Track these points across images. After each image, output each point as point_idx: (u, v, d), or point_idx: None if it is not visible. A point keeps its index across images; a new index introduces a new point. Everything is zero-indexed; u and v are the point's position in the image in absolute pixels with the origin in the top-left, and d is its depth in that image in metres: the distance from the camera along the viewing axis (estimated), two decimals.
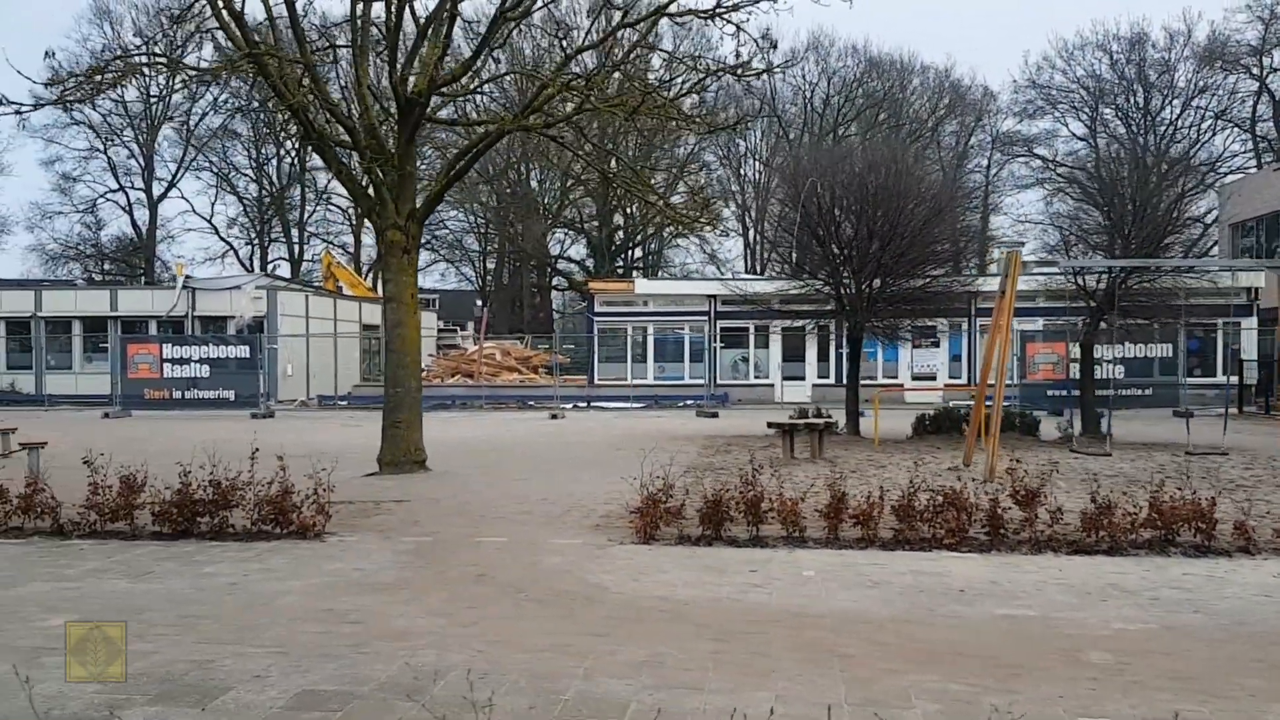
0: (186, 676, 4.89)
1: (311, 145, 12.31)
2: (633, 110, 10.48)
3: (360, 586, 6.82)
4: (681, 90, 10.83)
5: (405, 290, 12.43)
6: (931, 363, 28.30)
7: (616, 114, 10.61)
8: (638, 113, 10.52)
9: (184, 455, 9.44)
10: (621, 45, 10.74)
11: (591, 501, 10.58)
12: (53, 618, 5.98)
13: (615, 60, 10.60)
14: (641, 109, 10.40)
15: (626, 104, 10.51)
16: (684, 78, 11.45)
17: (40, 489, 8.87)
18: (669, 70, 10.96)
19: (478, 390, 33.05)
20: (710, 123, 11.49)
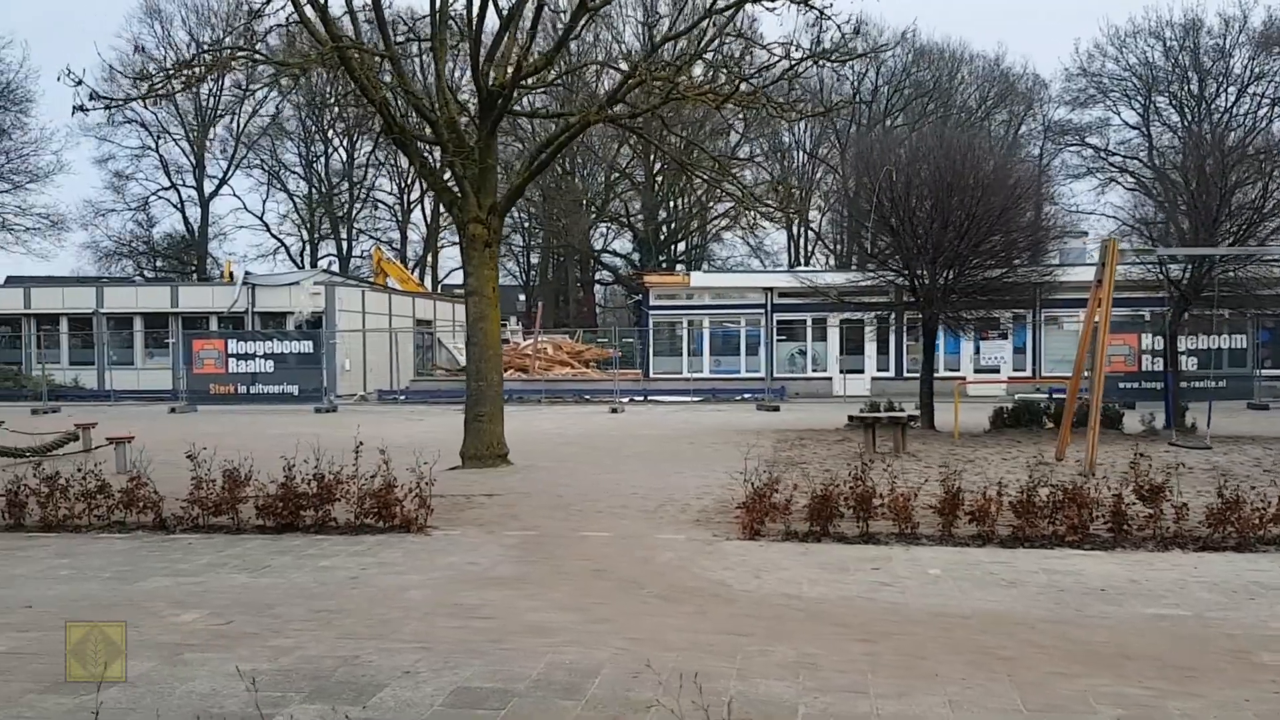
0: (336, 673, 4.82)
1: (393, 140, 12.28)
2: (725, 98, 10.29)
3: (481, 581, 6.73)
4: (776, 77, 10.59)
5: (487, 284, 12.36)
6: (999, 355, 27.78)
7: (707, 103, 10.42)
8: (730, 101, 10.33)
9: (263, 449, 9.52)
10: (705, 32, 10.51)
11: (684, 496, 10.43)
12: (184, 613, 5.97)
13: (700, 48, 10.37)
14: (735, 97, 10.20)
15: (718, 92, 10.31)
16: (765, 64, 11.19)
17: (143, 484, 8.92)
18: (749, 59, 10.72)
19: (533, 385, 33.09)
20: (801, 110, 11.23)
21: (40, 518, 8.88)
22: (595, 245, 62.49)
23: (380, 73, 12.47)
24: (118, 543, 8.27)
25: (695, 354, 32.13)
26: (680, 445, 16.09)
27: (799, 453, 14.65)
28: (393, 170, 62.27)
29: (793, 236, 61.63)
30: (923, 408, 17.95)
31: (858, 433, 17.78)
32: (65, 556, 7.65)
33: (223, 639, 5.40)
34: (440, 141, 11.87)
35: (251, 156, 59.59)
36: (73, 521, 8.86)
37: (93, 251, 56.08)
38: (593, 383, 32.93)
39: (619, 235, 63.92)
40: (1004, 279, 17.46)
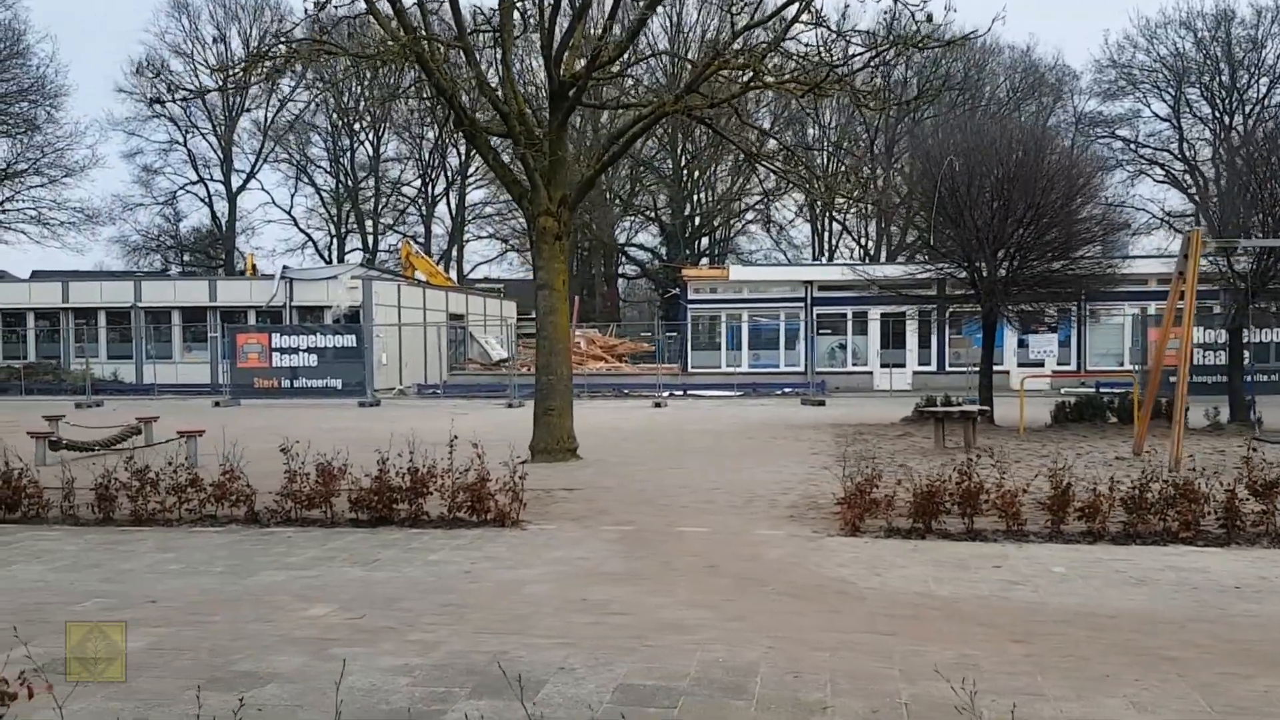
0: (490, 668, 4.74)
1: (463, 133, 12.20)
2: (813, 86, 10.12)
3: (597, 576, 6.65)
4: (860, 65, 10.47)
5: (557, 277, 12.29)
6: (1047, 349, 27.48)
7: (790, 92, 10.28)
8: (816, 89, 10.16)
9: (324, 445, 9.47)
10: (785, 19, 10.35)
11: (766, 491, 10.33)
12: (310, 607, 5.92)
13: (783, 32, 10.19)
14: (823, 84, 10.03)
15: (802, 80, 10.15)
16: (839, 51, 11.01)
17: (235, 477, 8.90)
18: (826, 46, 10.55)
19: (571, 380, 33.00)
20: (882, 99, 11.04)
21: (131, 511, 8.87)
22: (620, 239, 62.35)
23: (450, 65, 12.39)
24: (215, 536, 8.25)
25: (733, 348, 31.97)
26: (739, 440, 15.97)
27: (863, 448, 14.49)
28: (417, 164, 62.46)
29: (817, 230, 61.35)
30: (981, 401, 17.74)
31: (915, 426, 17.66)
32: (167, 551, 7.63)
33: (362, 633, 5.35)
34: (512, 134, 11.80)
35: (279, 150, 59.86)
36: (164, 515, 8.86)
37: (121, 246, 56.46)
38: (631, 377, 32.85)
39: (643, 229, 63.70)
40: (1065, 271, 17.23)
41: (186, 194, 58.94)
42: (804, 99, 10.82)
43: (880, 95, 11.18)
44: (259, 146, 59.05)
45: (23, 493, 9.03)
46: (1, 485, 9.00)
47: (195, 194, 59.03)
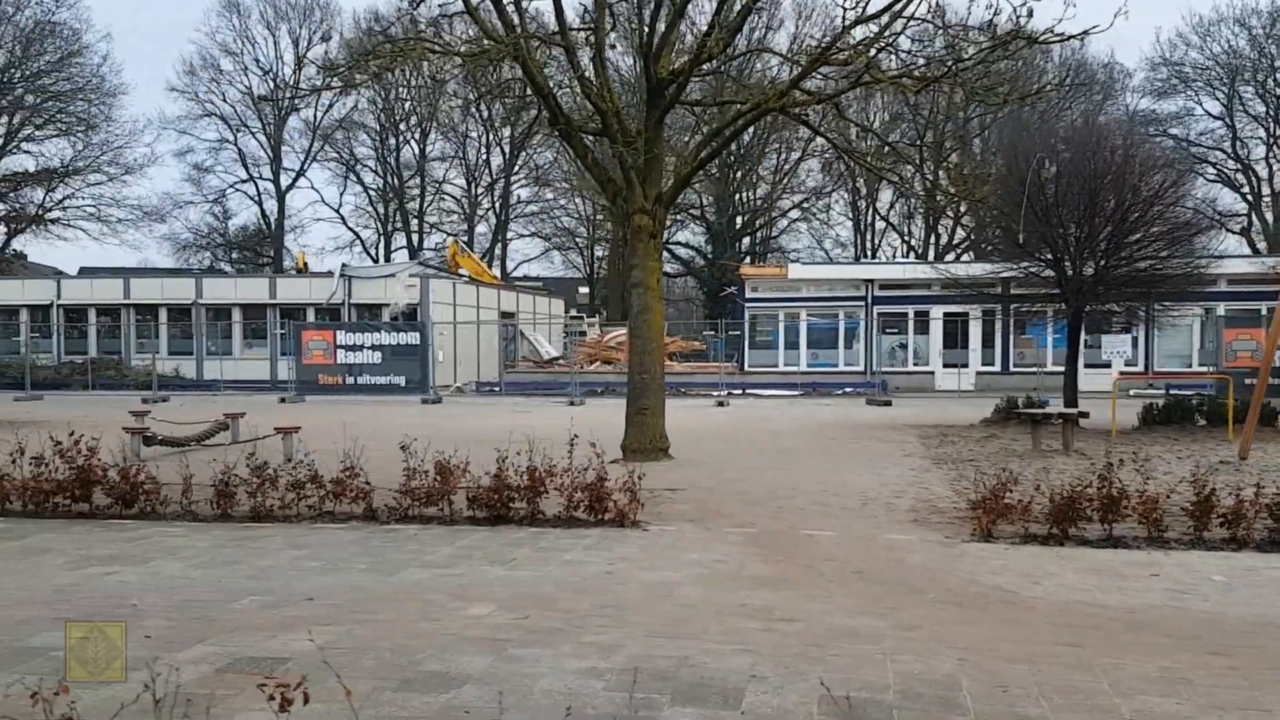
0: (679, 674, 4.65)
1: (558, 131, 12.14)
2: (930, 81, 9.92)
3: (745, 580, 6.54)
4: (975, 60, 10.20)
5: (651, 275, 12.21)
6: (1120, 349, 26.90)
7: (904, 88, 10.08)
8: (932, 85, 9.97)
9: (400, 440, 9.49)
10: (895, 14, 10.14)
11: (874, 493, 10.17)
12: (472, 606, 5.86)
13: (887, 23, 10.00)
14: (940, 80, 9.83)
15: (915, 76, 9.96)
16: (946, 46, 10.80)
17: (356, 473, 8.91)
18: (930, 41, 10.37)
19: (624, 378, 32.93)
20: (997, 95, 10.80)
21: (250, 508, 8.91)
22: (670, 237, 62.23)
23: (540, 63, 12.34)
24: (340, 533, 8.25)
25: (792, 347, 31.72)
26: (819, 441, 15.78)
27: (953, 450, 14.26)
28: (461, 163, 62.80)
29: (860, 229, 60.81)
30: (1066, 404, 17.40)
31: (998, 428, 17.38)
32: (300, 548, 7.63)
33: (533, 634, 5.27)
34: (609, 132, 11.72)
35: (327, 149, 60.43)
36: (282, 512, 8.89)
37: (171, 243, 57.19)
38: (688, 375, 32.71)
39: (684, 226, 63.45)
40: (1153, 270, 16.83)
41: (236, 192, 59.68)
42: (917, 94, 10.61)
43: (997, 91, 10.88)
44: (308, 145, 59.63)
45: (140, 488, 9.11)
46: (119, 481, 9.08)
47: (245, 192, 59.75)
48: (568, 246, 67.01)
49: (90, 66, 48.21)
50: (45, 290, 39.21)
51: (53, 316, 38.18)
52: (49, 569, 6.88)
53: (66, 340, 38.47)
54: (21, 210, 48.24)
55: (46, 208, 48.17)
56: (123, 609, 5.82)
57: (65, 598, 6.09)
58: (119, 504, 9.07)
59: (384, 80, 45.21)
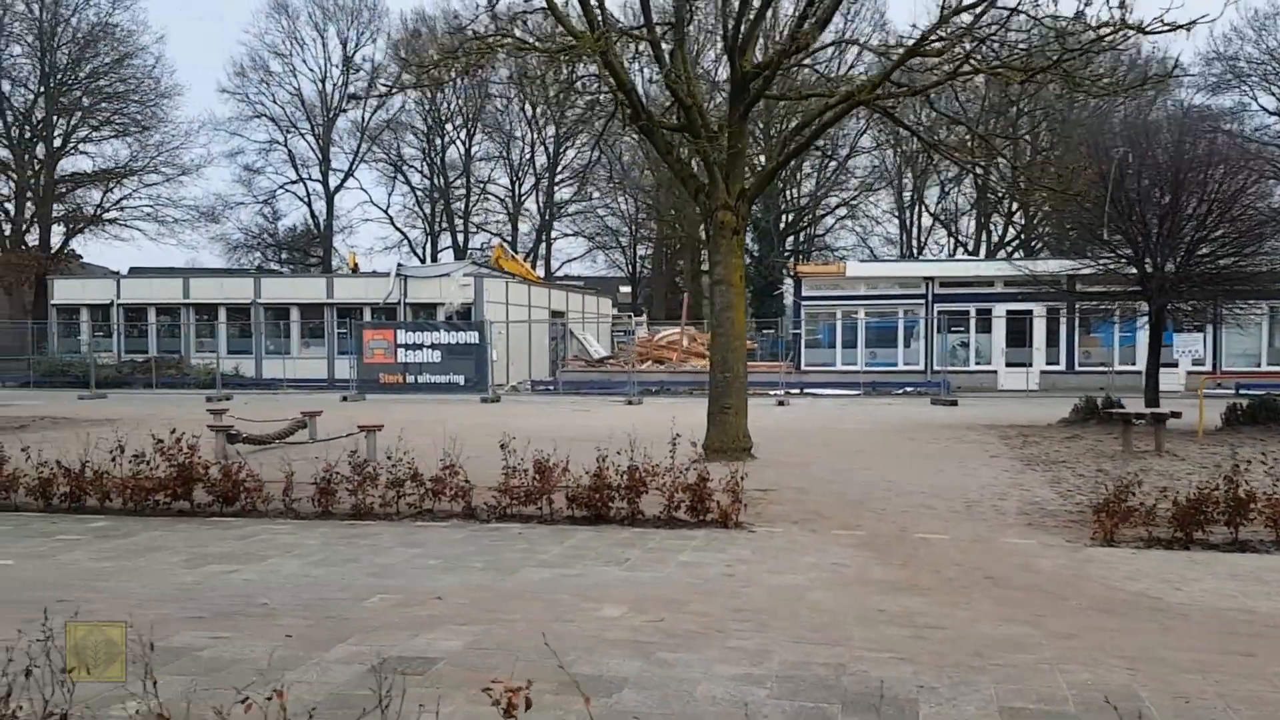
0: (841, 682, 4.50)
1: (639, 128, 12.04)
2: (1035, 71, 9.64)
3: (874, 585, 6.37)
4: (1081, 50, 9.88)
5: (734, 273, 12.05)
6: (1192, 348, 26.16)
7: (1009, 78, 9.82)
8: (1038, 76, 9.68)
9: (471, 438, 9.47)
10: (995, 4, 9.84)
11: (975, 495, 9.93)
12: (603, 607, 5.76)
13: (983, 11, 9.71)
14: (1047, 71, 9.54)
15: (1014, 66, 9.68)
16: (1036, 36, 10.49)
17: (456, 471, 8.87)
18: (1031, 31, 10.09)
19: (679, 376, 32.83)
20: (1104, 86, 10.46)
21: (351, 506, 8.91)
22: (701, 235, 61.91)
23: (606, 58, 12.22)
24: (445, 531, 8.20)
25: (849, 346, 31.35)
26: (899, 440, 15.50)
27: (1041, 450, 13.92)
28: (505, 163, 63.02)
29: (905, 226, 60.01)
30: (1147, 403, 16.94)
31: (1077, 428, 16.99)
32: (411, 546, 7.60)
33: (675, 638, 5.15)
34: (692, 128, 11.58)
35: (375, 150, 60.92)
36: (383, 509, 8.88)
37: (223, 244, 57.90)
38: None
39: None
40: (1238, 267, 16.32)
41: (286, 193, 60.32)
42: (1022, 84, 10.34)
43: (1102, 82, 10.55)
44: (356, 146, 60.15)
45: (241, 486, 9.15)
46: (221, 479, 9.13)
47: (294, 193, 60.34)
48: (610, 246, 66.90)
49: (145, 68, 49.15)
50: (105, 290, 39.95)
51: (112, 316, 38.89)
52: (167, 567, 6.90)
53: (126, 339, 39.15)
54: (79, 210, 49.29)
55: (105, 208, 49.17)
56: (254, 608, 5.81)
57: (192, 596, 6.10)
58: (219, 501, 9.12)
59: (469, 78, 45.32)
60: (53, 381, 34.14)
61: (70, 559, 7.15)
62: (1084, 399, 18.05)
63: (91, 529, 8.32)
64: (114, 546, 7.59)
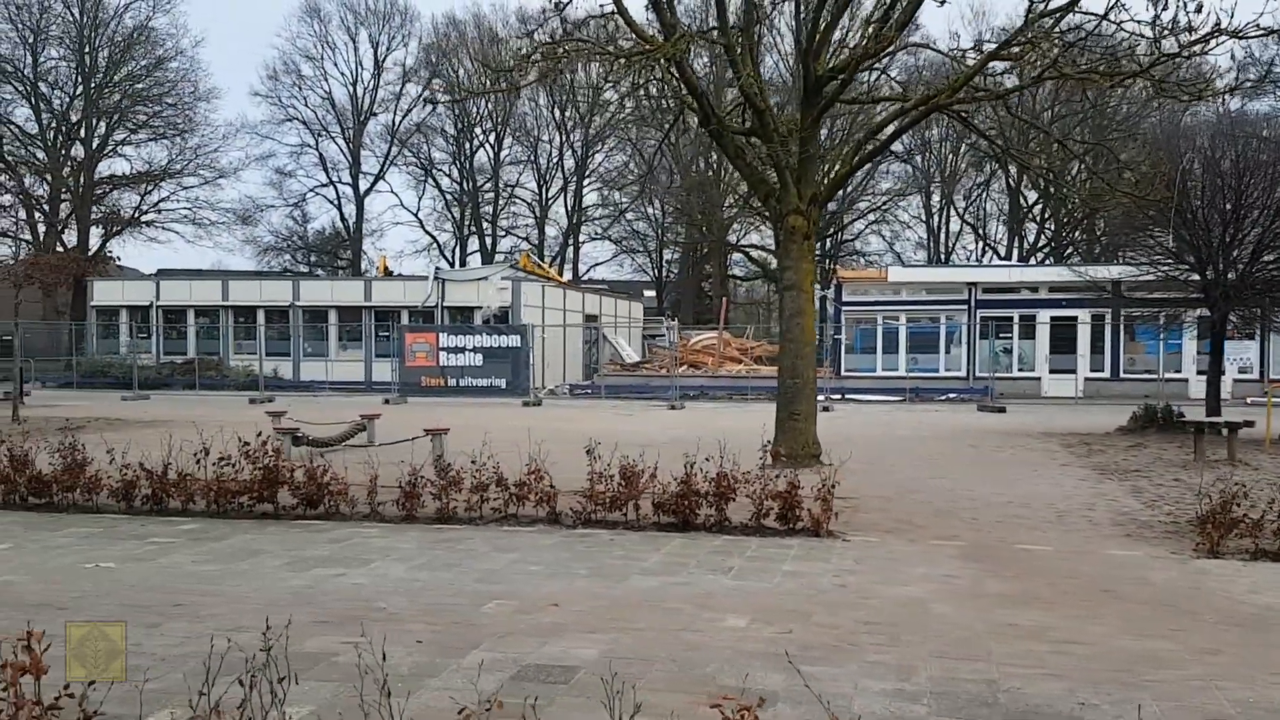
0: (998, 699, 4.40)
1: (709, 132, 11.96)
2: (1125, 77, 9.49)
3: (994, 598, 6.25)
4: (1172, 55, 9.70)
5: (805, 278, 11.95)
6: (1244, 356, 25.85)
7: (1094, 83, 9.67)
8: (1124, 81, 9.54)
9: (526, 442, 9.40)
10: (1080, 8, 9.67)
11: (1063, 504, 9.81)
12: (727, 618, 5.67)
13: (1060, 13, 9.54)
14: (1137, 76, 9.39)
15: (1101, 72, 9.53)
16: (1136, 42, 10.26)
17: (541, 476, 8.82)
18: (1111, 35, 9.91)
19: (718, 381, 32.73)
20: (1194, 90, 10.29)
21: (436, 510, 8.88)
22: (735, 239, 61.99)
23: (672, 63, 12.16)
24: (534, 536, 8.14)
25: (890, 351, 31.13)
26: (963, 447, 15.33)
27: (1109, 459, 13.72)
28: (533, 167, 63.14)
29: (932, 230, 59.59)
30: (1209, 411, 16.68)
31: (1136, 436, 16.75)
32: (506, 551, 7.54)
33: (811, 650, 5.06)
34: (765, 131, 11.50)
35: (405, 154, 61.18)
36: (468, 514, 8.84)
37: (254, 246, 58.18)
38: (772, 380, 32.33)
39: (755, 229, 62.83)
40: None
41: (316, 196, 60.64)
42: (1109, 88, 10.18)
43: (1192, 87, 10.38)
44: (387, 150, 60.43)
45: (326, 489, 9.14)
46: (306, 481, 9.13)
47: (324, 196, 60.68)
48: (636, 250, 66.87)
49: (183, 71, 49.63)
50: (144, 291, 40.29)
51: (151, 317, 39.20)
52: (272, 570, 6.89)
53: (165, 341, 39.46)
54: (117, 213, 49.82)
55: (143, 210, 49.67)
56: (374, 613, 5.77)
57: (307, 600, 6.07)
58: (303, 504, 9.12)
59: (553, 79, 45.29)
60: (93, 382, 34.45)
61: (170, 562, 7.14)
62: (1142, 407, 17.79)
63: (181, 531, 8.33)
64: (210, 549, 7.59)
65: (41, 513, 9.25)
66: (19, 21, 46.53)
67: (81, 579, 6.57)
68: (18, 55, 46.90)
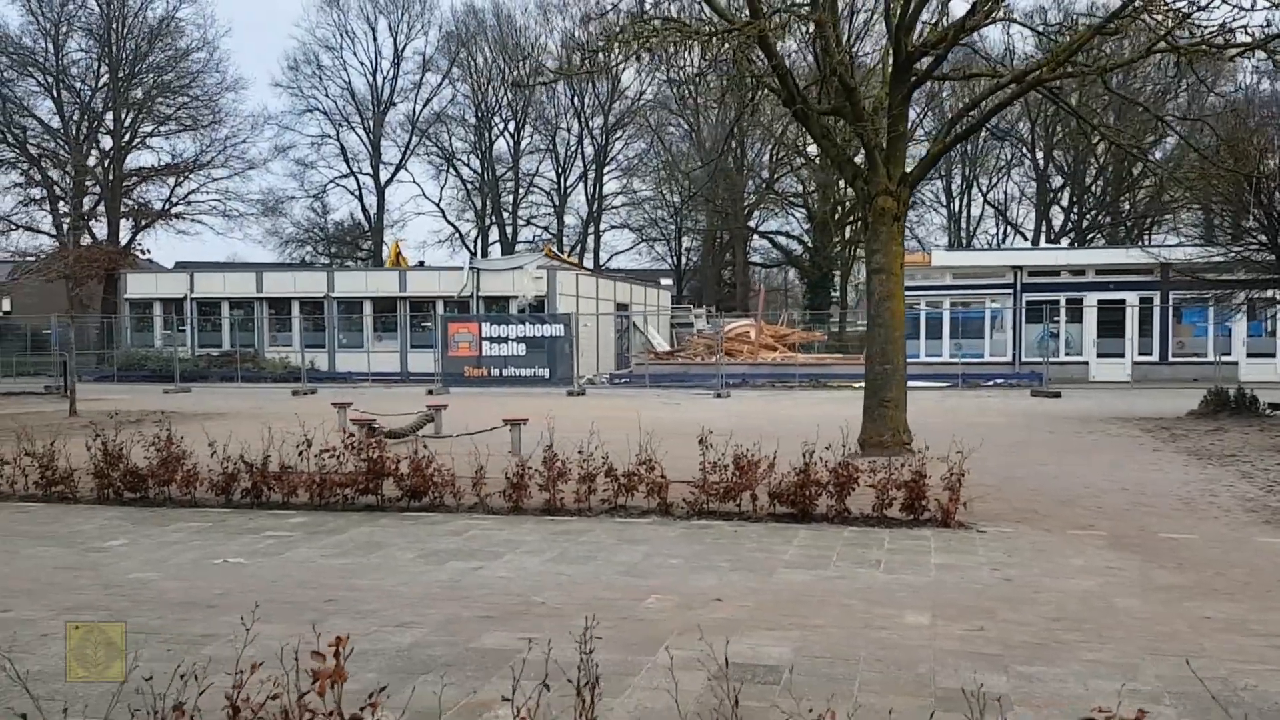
0: (1241, 697, 4.14)
1: (794, 113, 11.67)
2: (1242, 49, 9.14)
3: (1172, 590, 5.97)
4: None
5: (895, 261, 11.66)
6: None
7: (1218, 57, 9.33)
8: (1240, 53, 9.20)
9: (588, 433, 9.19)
10: None
11: (1182, 492, 9.53)
12: (905, 614, 5.43)
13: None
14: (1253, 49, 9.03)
15: (1222, 44, 9.18)
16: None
17: (652, 466, 8.59)
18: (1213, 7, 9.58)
19: (758, 369, 32.44)
20: None
21: (543, 502, 8.67)
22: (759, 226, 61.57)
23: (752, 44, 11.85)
24: (653, 528, 7.89)
25: (934, 337, 30.75)
26: (1041, 434, 15.00)
27: (1198, 443, 13.39)
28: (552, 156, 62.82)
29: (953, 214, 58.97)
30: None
31: (1210, 420, 16.41)
32: (633, 543, 7.31)
33: (1014, 649, 4.81)
34: (854, 111, 11.18)
35: (426, 144, 60.94)
36: (576, 505, 8.62)
37: (276, 238, 57.99)
38: (826, 366, 32.04)
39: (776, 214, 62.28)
40: None
41: (336, 187, 60.43)
42: (1232, 60, 9.84)
43: None
44: (407, 139, 60.17)
45: (430, 480, 8.94)
46: (411, 473, 8.93)
47: (345, 187, 60.47)
48: (656, 238, 66.53)
49: (211, 62, 49.50)
50: (178, 284, 40.26)
51: (186, 309, 39.18)
52: (406, 564, 6.68)
53: (200, 333, 39.43)
54: (147, 205, 49.80)
55: (173, 202, 49.62)
56: (535, 608, 5.57)
57: (459, 595, 5.86)
58: (407, 496, 8.92)
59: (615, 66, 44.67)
60: (129, 375, 34.45)
61: (299, 556, 6.95)
62: (1213, 390, 17.42)
63: (293, 525, 8.14)
64: (332, 543, 7.39)
65: (138, 507, 9.09)
66: (40, 14, 46.44)
67: (215, 575, 6.39)
68: (40, 47, 46.82)
